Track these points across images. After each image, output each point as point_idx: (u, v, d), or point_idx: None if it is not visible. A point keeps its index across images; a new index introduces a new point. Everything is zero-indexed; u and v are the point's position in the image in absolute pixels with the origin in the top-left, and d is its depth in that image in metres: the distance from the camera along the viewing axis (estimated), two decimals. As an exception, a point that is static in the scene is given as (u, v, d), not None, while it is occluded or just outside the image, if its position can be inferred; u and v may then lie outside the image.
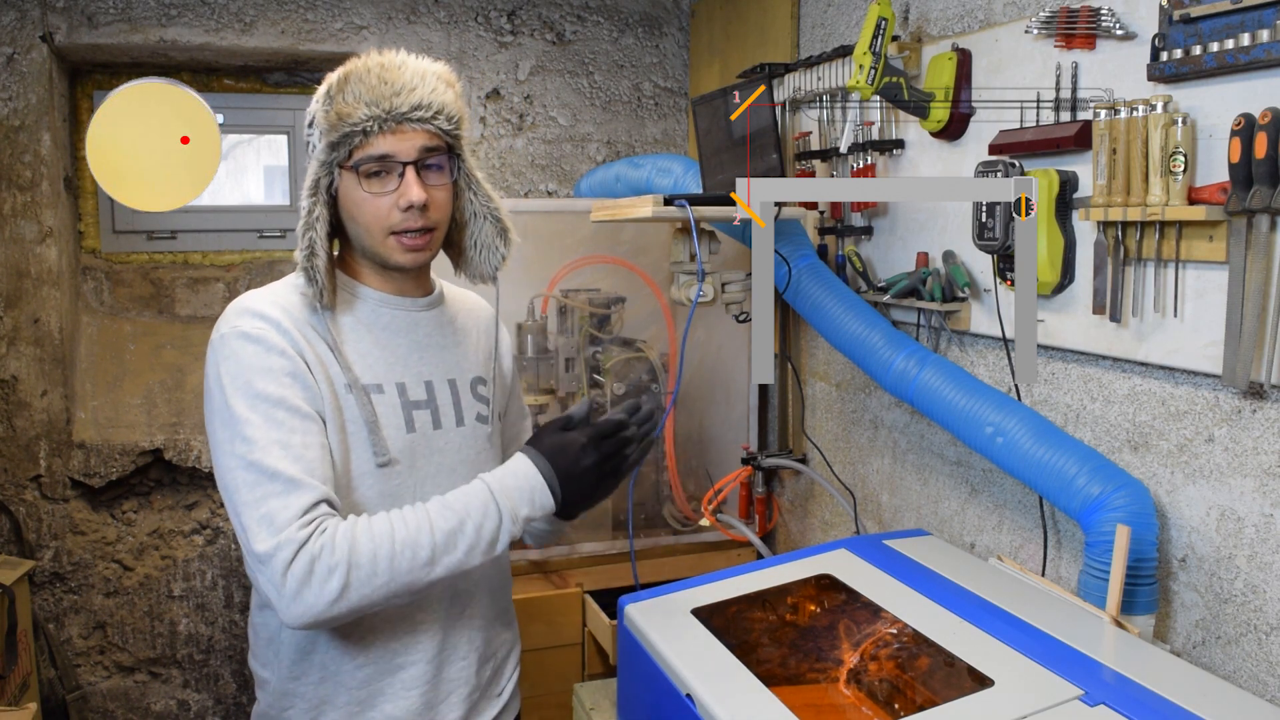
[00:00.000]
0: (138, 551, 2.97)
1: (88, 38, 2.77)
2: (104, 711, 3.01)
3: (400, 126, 1.24)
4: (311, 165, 1.27)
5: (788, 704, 1.22)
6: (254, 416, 1.18)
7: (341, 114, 1.23)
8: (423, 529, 1.19)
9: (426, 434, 1.35)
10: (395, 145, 1.24)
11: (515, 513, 1.24)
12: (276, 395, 1.20)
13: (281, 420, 1.19)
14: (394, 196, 1.26)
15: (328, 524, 1.16)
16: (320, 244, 1.26)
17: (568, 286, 2.57)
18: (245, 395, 1.19)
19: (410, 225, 1.27)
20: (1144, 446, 1.54)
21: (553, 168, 3.20)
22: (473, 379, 1.44)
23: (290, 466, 1.17)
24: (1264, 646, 1.37)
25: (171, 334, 3.12)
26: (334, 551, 1.14)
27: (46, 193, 2.80)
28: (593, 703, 2.05)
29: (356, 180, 1.26)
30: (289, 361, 1.22)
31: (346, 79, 1.24)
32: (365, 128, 1.23)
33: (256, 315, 1.25)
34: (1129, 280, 1.50)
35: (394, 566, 1.17)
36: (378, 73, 1.24)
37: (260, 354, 1.21)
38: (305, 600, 1.14)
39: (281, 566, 1.13)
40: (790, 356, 2.59)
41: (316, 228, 1.25)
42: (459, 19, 3.06)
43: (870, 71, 1.80)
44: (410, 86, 1.24)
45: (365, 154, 1.24)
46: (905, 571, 1.56)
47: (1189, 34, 1.38)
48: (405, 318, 1.37)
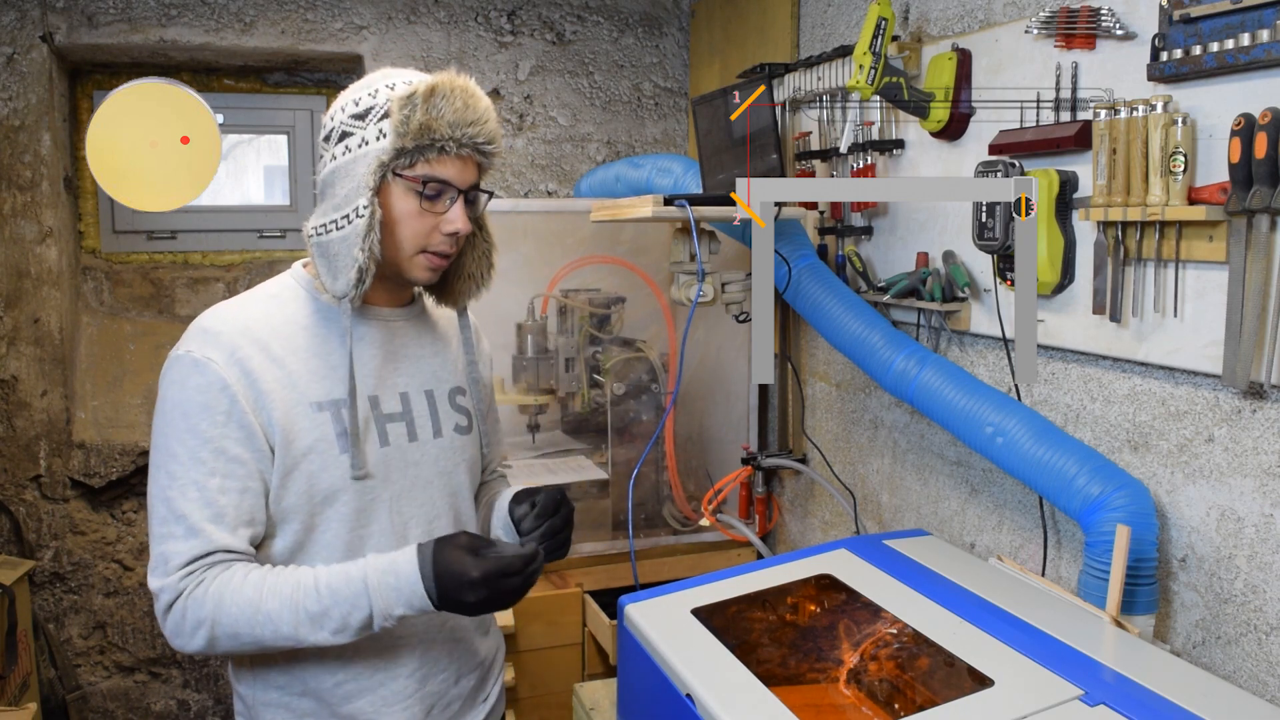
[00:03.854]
0: (138, 551, 2.97)
1: (88, 38, 2.77)
2: (104, 711, 3.01)
3: (466, 154, 1.27)
4: (366, 163, 1.24)
5: (788, 704, 1.22)
6: (180, 451, 1.21)
7: (426, 125, 1.23)
8: (287, 606, 1.20)
9: (401, 447, 1.33)
10: (458, 173, 1.27)
11: (388, 611, 1.22)
12: (206, 434, 1.21)
13: (204, 460, 1.21)
14: (439, 219, 1.28)
15: (205, 577, 1.20)
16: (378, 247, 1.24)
17: (568, 286, 2.58)
18: (178, 428, 1.21)
19: (444, 249, 1.31)
20: (1144, 446, 1.54)
21: (553, 168, 3.20)
22: (451, 389, 1.42)
23: (197, 511, 1.20)
24: (1264, 646, 1.37)
25: (171, 334, 3.12)
26: (201, 608, 1.20)
27: (46, 193, 2.80)
28: (593, 703, 2.05)
29: (411, 192, 1.26)
30: (227, 399, 1.21)
31: (434, 91, 1.24)
32: (444, 145, 1.24)
33: (211, 339, 1.24)
34: (1129, 280, 1.50)
35: (255, 634, 1.20)
36: (462, 96, 1.26)
37: (201, 388, 1.21)
38: (178, 642, 1.22)
39: (162, 609, 1.21)
40: (790, 356, 2.59)
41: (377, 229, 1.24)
42: (459, 19, 3.06)
43: (870, 71, 1.80)
44: (484, 119, 1.27)
45: (433, 172, 1.26)
46: (905, 571, 1.56)
47: (1189, 34, 1.38)
48: (381, 328, 1.36)
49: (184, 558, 1.19)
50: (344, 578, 1.21)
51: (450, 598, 1.20)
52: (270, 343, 1.26)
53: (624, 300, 2.58)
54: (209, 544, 1.20)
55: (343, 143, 1.27)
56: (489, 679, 1.49)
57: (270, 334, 1.26)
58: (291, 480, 1.25)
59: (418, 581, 1.21)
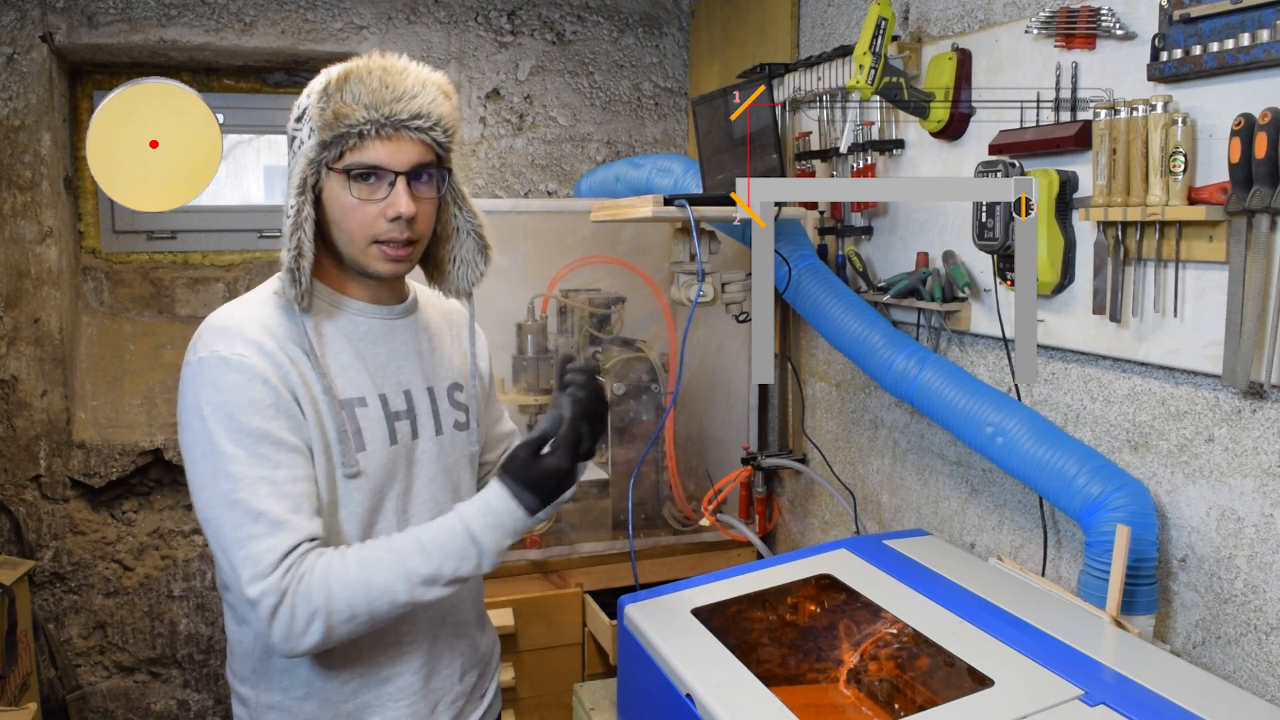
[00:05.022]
0: (138, 551, 2.97)
1: (88, 38, 2.77)
2: (104, 711, 3.01)
3: (397, 134, 1.21)
4: (298, 162, 1.22)
5: (788, 704, 1.22)
6: (239, 452, 1.16)
7: (339, 113, 1.19)
8: (398, 576, 1.19)
9: (406, 444, 1.32)
10: (389, 155, 1.21)
11: (498, 547, 1.24)
12: (261, 429, 1.17)
13: (266, 455, 1.17)
14: (382, 205, 1.22)
15: (304, 570, 1.16)
16: (308, 245, 1.22)
17: (568, 286, 2.57)
18: (229, 429, 1.16)
19: (395, 236, 1.24)
20: (1144, 446, 1.54)
21: (553, 168, 3.20)
22: (449, 385, 1.41)
23: (275, 505, 1.16)
24: (1264, 646, 1.37)
25: (171, 334, 3.12)
26: (310, 601, 1.15)
27: (46, 193, 2.80)
28: (593, 703, 2.05)
29: (345, 183, 1.22)
30: (271, 391, 1.19)
31: (346, 78, 1.20)
32: (362, 130, 1.19)
33: (236, 337, 1.21)
34: (1129, 280, 1.50)
35: (371, 610, 1.18)
36: (379, 75, 1.20)
37: (242, 384, 1.17)
38: (291, 644, 1.16)
39: (267, 614, 1.14)
40: (790, 356, 2.59)
41: (305, 228, 1.21)
42: (459, 19, 3.06)
43: (870, 71, 1.80)
44: (411, 94, 1.21)
45: (357, 159, 1.21)
46: (905, 571, 1.56)
47: (1189, 34, 1.38)
48: (383, 326, 1.34)
49: (277, 554, 1.14)
50: (447, 533, 1.22)
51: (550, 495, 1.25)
52: (286, 338, 1.24)
53: (624, 300, 2.58)
54: (297, 534, 1.16)
55: (290, 149, 1.26)
56: (487, 675, 1.49)
57: (281, 335, 1.24)
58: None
59: (518, 510, 1.23)
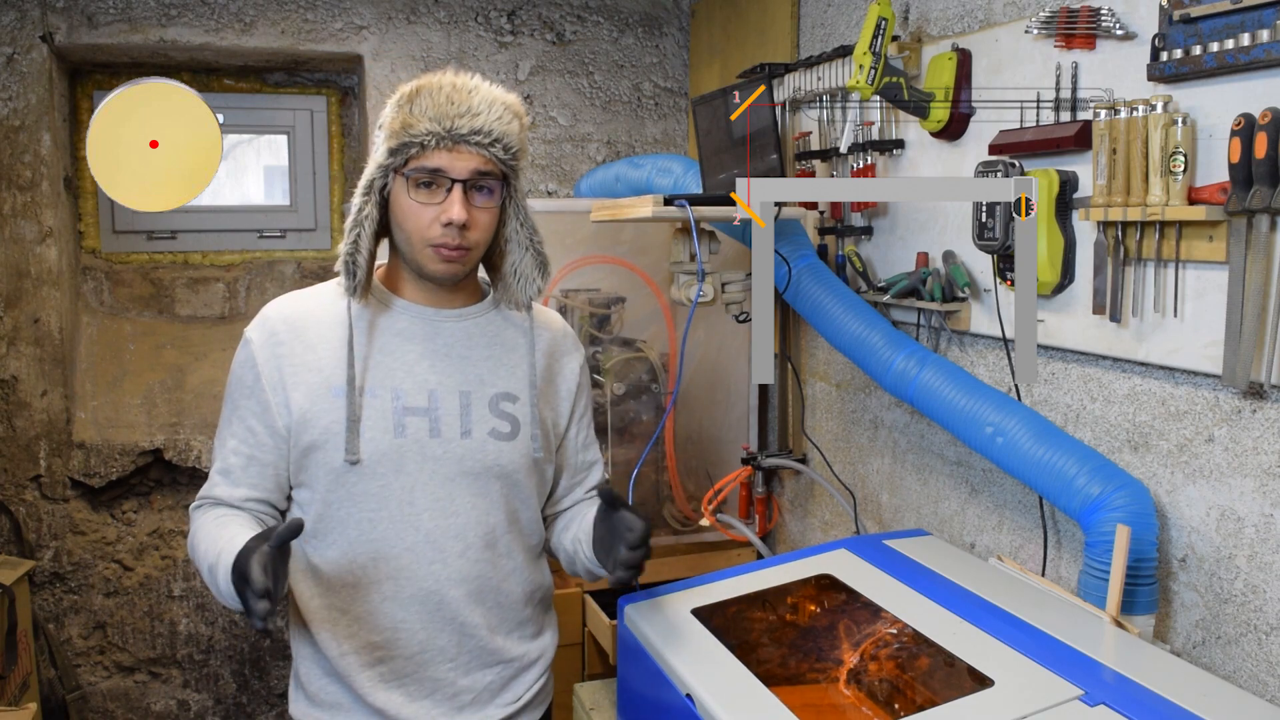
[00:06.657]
0: (138, 551, 2.98)
1: (88, 38, 2.77)
2: (104, 711, 3.01)
3: (458, 146, 1.30)
4: (369, 166, 1.35)
5: (788, 704, 1.22)
6: (227, 411, 1.43)
7: (406, 124, 1.30)
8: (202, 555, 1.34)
9: (420, 440, 1.38)
10: (449, 162, 1.30)
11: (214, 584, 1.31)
12: (236, 401, 1.41)
13: (231, 423, 1.41)
14: (438, 210, 1.32)
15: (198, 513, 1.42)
16: (365, 241, 1.34)
17: (568, 286, 2.57)
18: (228, 392, 1.43)
19: (448, 241, 1.33)
20: (1144, 446, 1.54)
21: (553, 168, 3.20)
22: (495, 394, 1.43)
23: (218, 462, 1.42)
24: (1264, 646, 1.37)
25: (171, 334, 3.12)
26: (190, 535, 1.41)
27: (46, 193, 2.80)
28: (593, 703, 2.05)
29: (406, 187, 1.32)
30: (252, 376, 1.39)
31: (419, 91, 1.31)
32: (424, 141, 1.29)
33: (260, 323, 1.41)
34: (1129, 280, 1.50)
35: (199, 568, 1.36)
36: (448, 92, 1.30)
37: (240, 363, 1.41)
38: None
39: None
40: (790, 356, 2.59)
41: (365, 225, 1.34)
42: (459, 19, 3.06)
43: (870, 71, 1.80)
44: (475, 112, 1.30)
45: (419, 164, 1.30)
46: (905, 571, 1.56)
47: (1189, 34, 1.38)
48: (425, 326, 1.42)
49: (201, 494, 1.43)
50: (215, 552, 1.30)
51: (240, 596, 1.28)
52: (308, 329, 1.38)
53: (624, 300, 2.58)
54: (209, 490, 1.41)
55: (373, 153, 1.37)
56: (518, 682, 1.49)
57: (313, 323, 1.39)
58: (311, 458, 1.37)
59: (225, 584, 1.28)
